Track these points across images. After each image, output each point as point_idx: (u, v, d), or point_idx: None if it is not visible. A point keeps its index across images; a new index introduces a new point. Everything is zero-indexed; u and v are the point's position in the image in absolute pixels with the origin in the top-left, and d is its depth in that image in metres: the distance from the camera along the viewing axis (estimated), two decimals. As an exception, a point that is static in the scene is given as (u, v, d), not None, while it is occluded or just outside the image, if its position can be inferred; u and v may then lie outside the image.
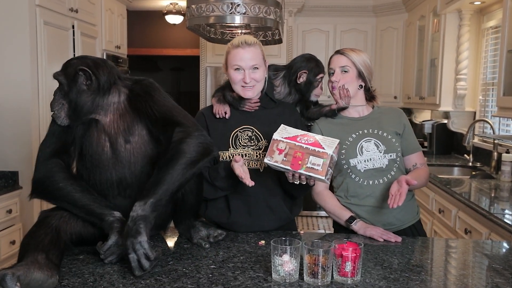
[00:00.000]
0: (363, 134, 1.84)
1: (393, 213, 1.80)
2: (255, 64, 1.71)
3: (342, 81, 1.83)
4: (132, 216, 1.33)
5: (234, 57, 1.71)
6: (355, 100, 1.88)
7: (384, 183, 1.81)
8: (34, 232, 1.40)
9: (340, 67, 1.84)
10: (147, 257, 1.30)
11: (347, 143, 1.83)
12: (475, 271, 1.43)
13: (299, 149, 1.52)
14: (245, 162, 1.73)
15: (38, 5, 3.10)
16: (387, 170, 1.82)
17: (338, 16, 5.36)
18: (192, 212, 1.63)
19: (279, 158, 1.54)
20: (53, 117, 1.57)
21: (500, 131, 3.52)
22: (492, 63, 3.65)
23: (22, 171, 3.05)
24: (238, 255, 1.49)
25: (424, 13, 4.38)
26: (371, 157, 1.81)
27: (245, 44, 1.71)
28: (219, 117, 1.79)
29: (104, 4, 4.20)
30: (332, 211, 1.85)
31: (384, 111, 1.93)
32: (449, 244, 1.78)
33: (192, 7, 2.87)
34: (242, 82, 1.72)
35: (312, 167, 1.50)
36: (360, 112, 1.90)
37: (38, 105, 3.15)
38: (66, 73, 1.54)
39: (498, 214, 2.20)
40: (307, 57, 1.96)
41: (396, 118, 1.90)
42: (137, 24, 6.71)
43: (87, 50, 3.86)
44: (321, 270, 1.27)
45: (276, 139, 1.56)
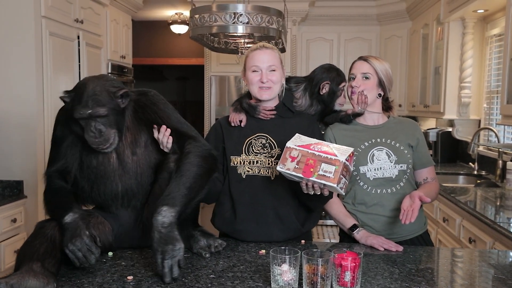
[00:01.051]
0: (376, 143, 1.84)
1: (399, 222, 1.77)
2: (272, 65, 1.74)
3: (362, 87, 1.84)
4: (164, 222, 1.35)
5: (252, 59, 1.76)
6: (372, 108, 1.88)
7: (392, 193, 1.81)
8: (29, 242, 1.41)
9: (362, 73, 1.85)
10: (179, 264, 1.34)
11: (359, 150, 1.83)
12: (478, 280, 1.41)
13: (311, 157, 1.51)
14: (257, 169, 1.74)
15: (44, 16, 3.14)
16: (397, 181, 1.82)
17: (342, 25, 5.38)
18: (189, 221, 1.63)
19: (292, 166, 1.53)
20: (106, 150, 1.54)
21: (505, 139, 3.50)
22: (496, 71, 3.64)
23: (27, 180, 3.07)
24: (238, 265, 1.49)
25: (427, 21, 4.38)
26: (382, 166, 1.81)
27: (263, 47, 1.77)
28: (234, 125, 1.80)
29: (110, 14, 4.25)
30: (336, 217, 1.85)
31: (399, 121, 1.93)
32: (451, 254, 1.76)
33: (195, 17, 2.89)
34: (259, 82, 1.74)
35: (324, 174, 1.49)
36: (375, 120, 1.90)
37: (43, 115, 3.17)
38: (103, 102, 1.49)
39: (503, 224, 2.18)
40: (327, 67, 1.96)
41: (410, 130, 1.89)
42: (143, 34, 6.77)
43: (92, 60, 3.90)
44: (320, 280, 1.26)
45: (289, 146, 1.56)
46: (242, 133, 1.79)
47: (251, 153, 1.76)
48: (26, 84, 3.08)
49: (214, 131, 1.85)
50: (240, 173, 1.75)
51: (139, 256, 1.56)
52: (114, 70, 4.31)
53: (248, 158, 1.75)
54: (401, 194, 1.80)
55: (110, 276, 1.39)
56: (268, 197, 1.72)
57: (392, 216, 1.79)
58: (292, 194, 1.74)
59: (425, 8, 4.46)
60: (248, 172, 1.74)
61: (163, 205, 1.38)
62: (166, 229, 1.35)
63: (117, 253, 1.59)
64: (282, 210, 1.74)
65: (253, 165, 1.74)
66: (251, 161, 1.75)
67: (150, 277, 1.38)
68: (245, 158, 1.75)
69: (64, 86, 3.42)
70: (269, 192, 1.72)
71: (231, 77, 5.29)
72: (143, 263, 1.50)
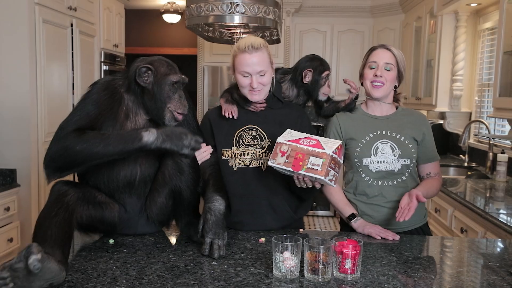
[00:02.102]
0: (381, 135, 1.84)
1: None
2: (262, 69, 1.71)
3: (385, 77, 1.80)
4: (221, 209, 1.53)
5: (240, 63, 1.71)
6: (386, 100, 1.87)
7: (394, 185, 1.83)
8: (51, 214, 1.39)
9: (385, 63, 1.81)
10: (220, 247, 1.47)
11: (363, 142, 1.84)
12: (472, 269, 1.45)
13: (300, 151, 1.55)
14: (248, 161, 1.75)
15: (37, 3, 3.10)
16: (399, 174, 1.83)
17: (336, 17, 5.39)
18: (190, 208, 1.65)
19: (282, 160, 1.56)
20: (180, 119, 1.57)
21: (495, 131, 3.55)
22: (488, 64, 3.69)
23: (20, 169, 3.05)
24: (239, 252, 1.51)
25: (420, 14, 4.41)
26: (385, 159, 1.81)
27: (252, 48, 1.69)
28: (228, 116, 1.79)
29: (103, 2, 4.21)
30: (336, 205, 1.88)
31: (407, 113, 1.91)
32: (445, 243, 1.80)
33: (191, 7, 2.88)
34: (249, 86, 1.73)
35: (312, 167, 1.52)
36: (383, 111, 1.89)
37: (36, 102, 3.15)
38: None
39: (494, 214, 2.23)
40: (311, 57, 1.98)
41: (417, 123, 1.88)
42: (135, 23, 6.71)
43: (85, 48, 3.86)
44: (322, 267, 1.29)
45: (280, 142, 1.59)
46: (232, 125, 1.79)
47: (242, 145, 1.77)
48: (19, 72, 3.05)
49: (203, 128, 1.84)
50: (231, 165, 1.76)
51: (140, 243, 1.57)
52: (106, 59, 4.28)
53: (239, 150, 1.76)
54: (403, 188, 1.83)
55: (113, 262, 1.40)
56: (260, 188, 1.75)
57: (392, 207, 1.81)
58: (284, 183, 1.77)
59: (418, 1, 4.49)
60: (240, 164, 1.76)
61: (216, 194, 1.56)
62: (221, 215, 1.51)
63: (118, 240, 1.60)
64: (274, 199, 1.77)
65: (244, 157, 1.76)
66: (242, 153, 1.76)
67: (153, 264, 1.40)
68: (235, 151, 1.77)
69: (57, 74, 3.40)
70: (261, 183, 1.74)
71: (224, 68, 5.28)
72: (145, 250, 1.51)
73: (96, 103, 1.52)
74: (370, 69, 1.84)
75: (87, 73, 3.90)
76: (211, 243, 1.46)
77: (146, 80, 1.53)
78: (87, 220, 1.52)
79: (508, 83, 2.68)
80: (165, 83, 1.53)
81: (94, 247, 1.54)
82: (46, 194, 3.21)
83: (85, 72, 3.84)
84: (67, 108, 3.58)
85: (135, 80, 1.53)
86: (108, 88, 1.55)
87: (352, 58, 5.45)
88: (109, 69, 4.31)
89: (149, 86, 1.53)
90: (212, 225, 1.48)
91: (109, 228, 1.59)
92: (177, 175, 1.57)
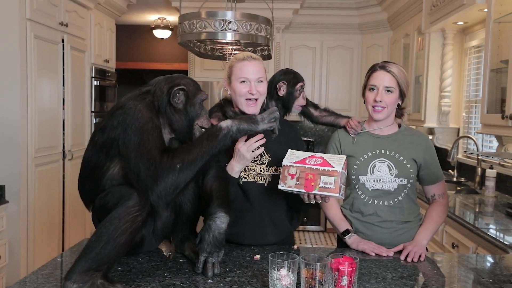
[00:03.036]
0: (379, 154, 1.83)
1: (393, 234, 1.82)
2: (261, 77, 1.75)
3: (385, 101, 1.78)
4: (221, 228, 1.47)
5: (240, 70, 1.75)
6: (387, 120, 1.85)
7: (389, 205, 1.82)
8: (116, 225, 1.31)
9: (385, 86, 1.78)
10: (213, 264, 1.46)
11: (361, 160, 1.84)
12: (466, 285, 1.46)
13: (309, 171, 1.55)
14: (252, 176, 1.76)
15: (29, 19, 3.10)
16: (395, 194, 1.82)
17: (325, 33, 5.47)
18: (188, 223, 1.64)
19: (292, 183, 1.57)
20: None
21: (483, 147, 3.61)
22: (475, 81, 3.76)
23: (9, 185, 3.02)
24: (234, 270, 1.51)
25: (408, 31, 4.49)
26: (381, 178, 1.81)
27: (251, 58, 1.76)
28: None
29: (94, 18, 4.22)
30: (332, 220, 1.89)
31: (408, 134, 1.89)
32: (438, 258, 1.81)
33: (184, 23, 2.91)
34: (248, 94, 1.74)
35: (325, 186, 1.53)
36: (385, 130, 1.87)
37: (27, 118, 3.13)
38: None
39: (484, 229, 2.26)
40: (284, 70, 2.06)
41: (418, 145, 1.85)
42: (126, 38, 6.73)
43: (76, 64, 3.86)
44: (318, 284, 1.29)
45: (286, 164, 1.59)
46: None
47: None
48: (10, 87, 3.04)
49: None
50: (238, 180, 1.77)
51: (135, 261, 1.56)
52: (97, 74, 4.28)
53: None
54: (398, 208, 1.83)
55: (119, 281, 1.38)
56: (263, 203, 1.76)
57: (386, 227, 1.81)
58: (285, 198, 1.78)
59: (406, 19, 4.58)
60: (245, 179, 1.76)
61: (220, 210, 1.48)
62: (220, 235, 1.46)
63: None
64: (275, 214, 1.79)
65: (248, 172, 1.77)
66: (245, 168, 1.76)
67: (148, 282, 1.39)
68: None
69: (48, 89, 3.38)
70: (264, 198, 1.76)
71: (214, 83, 5.30)
72: (140, 268, 1.50)
73: (152, 124, 1.47)
74: (370, 91, 1.82)
75: (78, 88, 3.89)
76: (205, 261, 1.46)
77: (178, 101, 1.53)
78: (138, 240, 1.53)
79: (495, 100, 2.74)
80: (196, 102, 1.55)
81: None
82: (36, 210, 3.20)
83: (76, 87, 3.83)
84: (58, 124, 3.56)
85: (169, 102, 1.52)
86: (150, 108, 1.50)
87: (342, 74, 5.53)
88: (99, 84, 4.30)
89: (181, 106, 1.53)
90: (208, 245, 1.45)
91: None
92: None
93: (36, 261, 3.20)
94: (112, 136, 1.42)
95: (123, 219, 1.30)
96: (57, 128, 3.55)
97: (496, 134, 2.72)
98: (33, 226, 3.19)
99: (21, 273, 3.04)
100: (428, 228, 1.82)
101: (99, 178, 1.47)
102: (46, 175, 3.34)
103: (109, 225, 1.29)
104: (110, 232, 1.28)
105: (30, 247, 3.17)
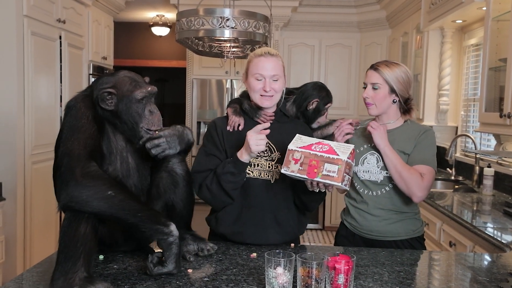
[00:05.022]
0: (371, 147, 1.91)
1: (381, 223, 1.88)
2: (276, 74, 1.73)
3: (372, 98, 1.88)
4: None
5: (256, 66, 1.74)
6: (386, 115, 1.92)
7: (377, 195, 1.90)
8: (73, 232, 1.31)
9: (371, 83, 1.88)
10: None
11: (357, 152, 1.90)
12: (463, 284, 1.46)
13: (314, 157, 1.54)
14: (257, 172, 1.75)
15: (26, 16, 3.09)
16: (382, 185, 1.89)
17: (323, 31, 5.46)
18: (182, 222, 1.63)
19: (295, 168, 1.55)
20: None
21: (481, 145, 3.61)
22: (473, 80, 3.76)
23: (6, 182, 3.01)
24: (230, 268, 1.50)
25: (407, 29, 4.49)
26: (369, 169, 1.90)
27: (268, 54, 1.74)
28: (232, 130, 1.79)
29: (92, 15, 4.20)
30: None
31: (408, 128, 1.92)
32: (435, 257, 1.81)
33: (182, 21, 2.90)
34: (262, 90, 1.73)
35: (327, 174, 1.51)
36: (388, 125, 1.92)
37: (23, 115, 3.12)
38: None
39: (481, 227, 2.25)
40: (319, 85, 2.03)
41: (411, 136, 1.88)
42: (124, 36, 6.71)
43: (74, 61, 3.85)
44: (315, 283, 1.28)
45: (291, 149, 1.58)
46: (241, 136, 1.76)
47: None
48: (7, 84, 3.02)
49: (213, 135, 1.81)
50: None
51: (130, 259, 1.55)
52: (95, 71, 4.26)
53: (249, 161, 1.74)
54: (387, 198, 1.89)
55: (103, 279, 1.37)
56: (267, 201, 1.74)
57: (376, 215, 1.89)
58: (291, 198, 1.77)
59: (405, 17, 4.57)
60: (248, 175, 1.74)
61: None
62: (179, 132, 1.50)
63: (107, 256, 1.57)
64: (280, 213, 1.76)
65: (253, 168, 1.74)
66: (252, 164, 1.74)
67: (144, 280, 1.38)
68: None
69: (45, 86, 3.37)
70: (268, 196, 1.74)
71: (212, 80, 5.30)
72: (135, 266, 1.49)
73: (87, 120, 1.43)
74: (364, 89, 1.93)
75: (75, 85, 3.87)
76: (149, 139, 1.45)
77: (111, 103, 1.45)
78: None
79: (494, 99, 2.73)
80: (131, 102, 1.45)
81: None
82: (33, 208, 3.19)
83: (73, 84, 3.81)
84: (55, 121, 3.54)
85: (100, 105, 1.46)
86: (89, 107, 1.45)
87: (340, 72, 5.52)
88: (97, 81, 4.29)
89: (114, 108, 1.45)
90: (164, 132, 1.47)
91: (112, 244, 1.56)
92: (172, 188, 1.56)
93: (32, 258, 3.19)
94: (58, 142, 1.41)
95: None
96: (54, 125, 3.53)
97: (494, 132, 2.72)
98: (29, 223, 3.18)
99: (18, 270, 3.03)
100: (398, 158, 1.82)
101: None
102: (43, 172, 3.33)
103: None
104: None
105: (27, 244, 3.16)
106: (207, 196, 1.73)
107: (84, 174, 1.30)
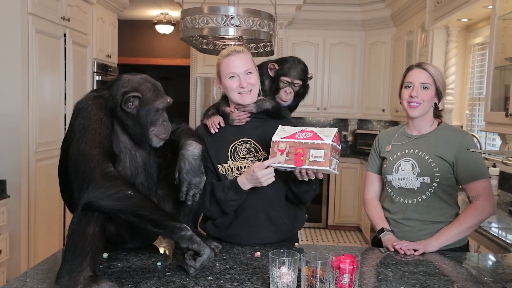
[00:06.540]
0: (406, 154, 1.85)
1: (416, 234, 1.80)
2: (248, 68, 1.73)
3: (421, 97, 1.79)
4: (195, 154, 1.52)
5: (227, 66, 1.73)
6: (423, 119, 1.85)
7: (414, 204, 1.82)
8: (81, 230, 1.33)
9: (420, 83, 1.80)
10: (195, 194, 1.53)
11: (390, 159, 1.87)
12: (468, 284, 1.45)
13: (299, 145, 1.53)
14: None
15: (31, 13, 3.09)
16: (419, 192, 1.81)
17: (328, 30, 5.44)
18: (191, 216, 1.64)
19: (282, 159, 1.54)
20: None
21: (486, 145, 3.59)
22: (478, 79, 3.74)
23: (11, 179, 3.02)
24: (234, 267, 1.50)
25: (412, 28, 4.47)
26: (405, 176, 1.83)
27: (235, 52, 1.74)
28: (213, 131, 1.77)
29: (96, 13, 4.20)
30: (371, 219, 1.92)
31: (444, 132, 1.85)
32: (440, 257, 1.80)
33: (186, 19, 2.89)
34: (239, 88, 1.72)
35: (314, 160, 1.50)
36: (422, 129, 1.87)
37: (28, 112, 3.12)
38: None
39: (486, 227, 2.24)
40: (290, 57, 1.95)
41: (450, 143, 1.80)
42: (128, 33, 6.71)
43: (78, 59, 3.85)
44: (319, 282, 1.28)
45: (276, 140, 1.57)
46: (224, 140, 1.77)
47: (238, 158, 1.75)
48: (11, 81, 3.02)
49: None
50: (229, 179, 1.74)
51: (134, 257, 1.55)
52: (99, 69, 4.27)
53: (236, 163, 1.74)
54: (424, 206, 1.81)
55: (107, 277, 1.37)
56: (258, 201, 1.73)
57: (410, 225, 1.81)
58: (283, 195, 1.76)
59: (410, 16, 4.55)
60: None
61: (191, 139, 1.52)
62: (195, 161, 1.50)
63: (112, 254, 1.57)
64: (273, 212, 1.75)
65: (241, 171, 1.73)
66: (239, 166, 1.74)
67: (148, 279, 1.38)
68: (232, 165, 1.74)
69: (49, 84, 3.37)
70: (260, 196, 1.72)
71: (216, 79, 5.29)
72: (139, 264, 1.49)
73: (101, 123, 1.45)
74: (406, 88, 1.84)
75: (80, 83, 3.88)
76: (187, 192, 1.50)
77: (132, 106, 1.48)
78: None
79: (499, 98, 2.72)
80: (151, 110, 1.49)
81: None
82: (37, 205, 3.20)
83: (77, 82, 3.82)
84: (59, 119, 3.55)
85: (121, 106, 1.48)
86: (100, 108, 1.47)
87: (344, 70, 5.51)
88: (101, 79, 4.29)
89: (134, 111, 1.49)
90: (186, 174, 1.48)
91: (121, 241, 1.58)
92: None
93: (37, 255, 3.20)
94: (69, 142, 1.42)
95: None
96: (58, 123, 3.54)
97: (500, 132, 2.70)
98: (34, 220, 3.18)
99: (22, 267, 3.04)
100: (449, 228, 1.77)
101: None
102: (47, 170, 3.34)
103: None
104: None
105: (31, 241, 3.17)
106: (206, 214, 1.77)
107: (103, 175, 1.33)
